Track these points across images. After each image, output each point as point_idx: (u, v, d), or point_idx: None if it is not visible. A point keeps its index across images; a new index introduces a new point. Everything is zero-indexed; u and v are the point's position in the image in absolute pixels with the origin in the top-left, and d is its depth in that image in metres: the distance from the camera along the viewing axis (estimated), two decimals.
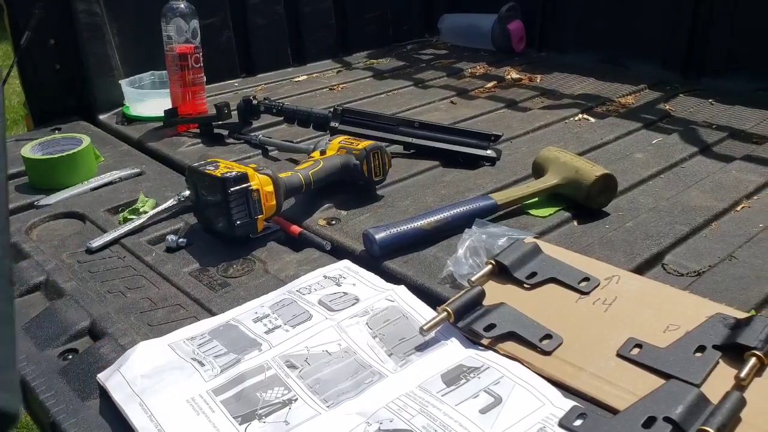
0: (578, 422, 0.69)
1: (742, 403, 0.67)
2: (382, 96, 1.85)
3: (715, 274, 0.95)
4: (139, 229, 1.13)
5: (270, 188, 1.06)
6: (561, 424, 0.69)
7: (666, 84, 1.82)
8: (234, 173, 1.03)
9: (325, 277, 0.95)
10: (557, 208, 1.13)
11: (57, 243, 1.11)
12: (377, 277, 0.94)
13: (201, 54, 1.56)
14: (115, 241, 1.10)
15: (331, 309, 0.88)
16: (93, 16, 1.68)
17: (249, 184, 1.03)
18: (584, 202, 1.12)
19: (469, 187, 1.24)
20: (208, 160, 1.11)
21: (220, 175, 1.03)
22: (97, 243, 1.08)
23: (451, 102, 1.79)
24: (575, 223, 1.11)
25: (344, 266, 0.98)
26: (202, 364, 0.79)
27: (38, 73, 1.68)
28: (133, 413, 0.72)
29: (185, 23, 1.53)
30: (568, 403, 0.72)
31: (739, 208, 1.14)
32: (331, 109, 1.42)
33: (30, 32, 1.62)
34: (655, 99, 1.72)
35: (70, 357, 0.85)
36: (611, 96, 1.75)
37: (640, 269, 0.97)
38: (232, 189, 1.02)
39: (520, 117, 1.64)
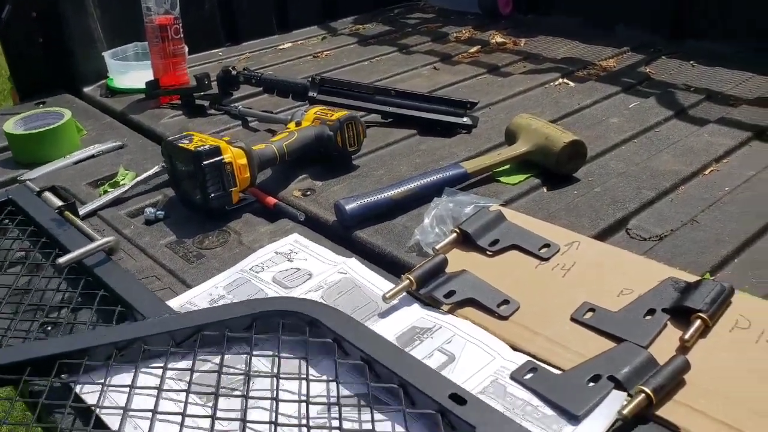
0: (529, 376, 0.73)
1: (685, 365, 0.70)
2: (365, 63, 1.86)
3: (676, 238, 0.97)
4: (119, 201, 1.16)
5: (243, 161, 1.08)
6: (512, 377, 0.73)
7: (650, 46, 1.82)
8: (207, 147, 1.05)
9: (277, 253, 0.97)
10: (527, 175, 1.15)
11: None
12: (328, 250, 0.97)
13: (181, 25, 1.56)
14: (93, 213, 1.13)
15: (286, 286, 0.90)
16: None
17: (222, 157, 1.05)
18: (554, 169, 1.14)
19: (444, 155, 1.26)
20: (184, 133, 1.13)
21: (193, 149, 1.05)
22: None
23: (434, 68, 1.79)
24: (545, 189, 1.13)
25: (294, 240, 1.00)
26: None
27: (21, 46, 1.68)
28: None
29: None
30: (517, 356, 0.76)
31: (707, 172, 1.16)
32: (309, 79, 1.43)
33: (11, 5, 1.63)
34: (637, 62, 1.72)
35: (50, 328, 0.88)
36: (593, 59, 1.75)
37: (604, 234, 1.00)
38: (205, 162, 1.04)
39: (500, 83, 1.64)
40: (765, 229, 0.98)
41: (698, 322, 0.75)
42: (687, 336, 0.74)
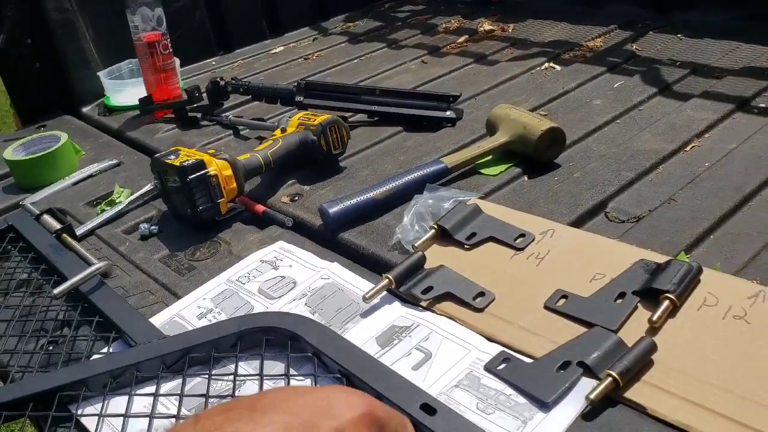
0: (502, 366, 0.75)
1: (651, 347, 0.72)
2: (355, 61, 1.88)
3: (653, 219, 0.99)
4: (115, 218, 1.20)
5: (229, 172, 1.11)
6: (486, 368, 0.75)
7: (638, 22, 1.81)
8: (192, 161, 1.08)
9: (262, 261, 1.00)
10: (508, 165, 1.16)
11: None
12: (312, 255, 0.99)
13: (169, 40, 1.59)
14: (90, 233, 1.17)
15: (271, 297, 0.93)
16: (64, 12, 1.72)
17: (207, 170, 1.08)
18: (534, 157, 1.16)
19: (429, 150, 1.28)
20: (171, 149, 1.16)
21: (179, 164, 1.08)
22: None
23: (423, 62, 1.80)
24: (526, 178, 1.14)
25: (279, 247, 1.03)
26: None
27: (19, 72, 1.73)
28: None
29: (150, 11, 1.56)
30: (492, 347, 0.78)
31: (688, 149, 1.17)
32: (295, 84, 1.45)
33: (5, 34, 1.68)
34: (623, 40, 1.72)
35: (51, 349, 0.93)
36: (580, 40, 1.75)
37: (582, 219, 1.01)
38: (191, 177, 1.07)
39: (486, 71, 1.65)
40: (741, 204, 0.99)
41: (666, 303, 0.76)
42: (655, 318, 0.75)
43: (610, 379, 0.69)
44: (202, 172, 1.08)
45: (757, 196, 1.01)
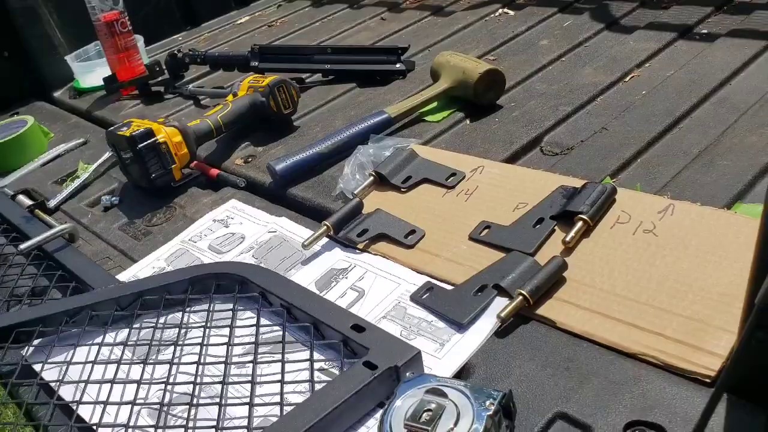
0: (426, 295, 0.79)
1: (561, 265, 0.75)
2: (317, 24, 1.89)
3: (584, 148, 1.01)
4: (79, 190, 1.25)
5: (178, 138, 1.15)
6: (411, 298, 0.79)
7: None
8: (141, 130, 1.12)
9: (215, 220, 1.04)
10: (450, 111, 1.19)
11: None
12: (261, 212, 1.03)
13: (127, 18, 1.62)
14: (57, 209, 1.21)
15: (220, 251, 0.97)
16: (24, 0, 1.75)
17: (156, 138, 1.12)
18: (475, 100, 1.18)
19: (378, 103, 1.31)
20: (124, 121, 1.20)
21: (129, 134, 1.12)
22: None
23: (382, 18, 1.82)
24: (468, 121, 1.17)
25: (232, 206, 1.07)
26: None
27: None
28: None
29: None
30: (420, 278, 0.82)
31: (627, 79, 1.19)
32: (249, 50, 1.48)
33: None
34: None
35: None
36: None
37: (517, 155, 1.04)
38: (140, 145, 1.11)
39: (442, 23, 1.67)
40: (670, 127, 1.01)
41: (579, 224, 0.80)
42: (568, 238, 0.79)
43: (520, 297, 0.73)
44: (152, 140, 1.12)
45: (687, 118, 1.03)
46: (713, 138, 0.96)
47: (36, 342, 0.84)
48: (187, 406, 0.70)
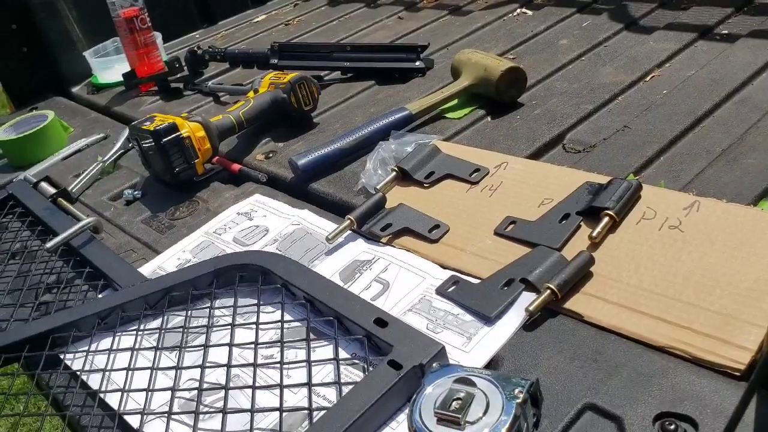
0: (451, 288, 0.79)
1: (588, 260, 0.76)
2: (334, 23, 1.90)
3: (607, 145, 1.02)
4: (102, 186, 1.26)
5: (202, 133, 1.16)
6: (438, 291, 0.80)
7: None
8: (165, 125, 1.13)
9: (239, 213, 1.05)
10: (472, 108, 1.20)
11: None
12: (284, 205, 1.04)
13: (147, 14, 1.63)
14: (78, 198, 1.23)
15: (245, 244, 0.98)
16: None
17: (179, 132, 1.13)
18: (496, 98, 1.19)
19: (398, 101, 1.31)
20: (147, 116, 1.21)
21: (153, 129, 1.13)
22: None
23: (399, 17, 1.83)
24: (489, 118, 1.18)
25: (255, 200, 1.07)
26: None
27: (7, 58, 1.79)
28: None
29: None
30: (445, 273, 0.82)
31: (648, 79, 1.19)
32: (268, 48, 1.49)
33: None
34: None
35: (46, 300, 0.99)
36: None
37: (540, 152, 1.05)
38: (165, 139, 1.12)
39: (460, 22, 1.67)
40: (693, 126, 1.02)
41: (606, 219, 0.80)
42: (594, 234, 0.79)
43: (548, 291, 0.73)
44: (176, 134, 1.12)
45: (709, 117, 1.03)
46: (736, 137, 0.97)
47: (72, 347, 0.85)
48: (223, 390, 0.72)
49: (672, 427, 0.59)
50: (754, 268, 0.70)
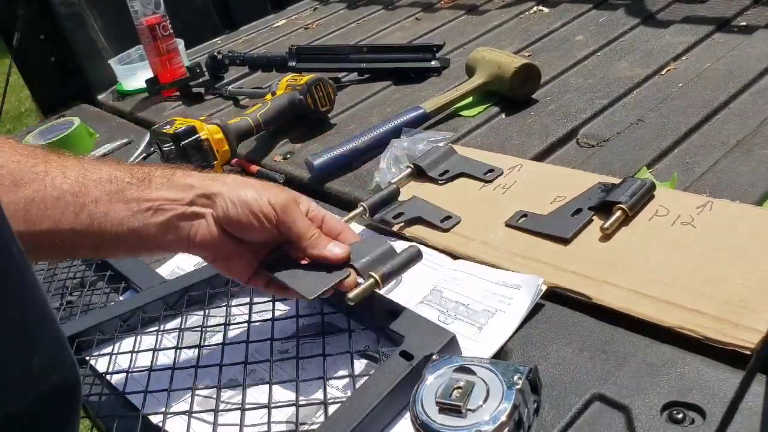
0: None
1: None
2: (352, 25, 1.92)
3: (620, 139, 1.02)
4: None
5: (220, 135, 1.18)
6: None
7: None
8: (184, 128, 1.15)
9: None
10: (486, 106, 1.20)
11: None
12: None
13: (169, 22, 1.67)
14: None
15: None
16: (70, 5, 1.82)
17: (198, 135, 1.15)
18: (510, 95, 1.19)
19: (414, 100, 1.32)
20: (168, 120, 1.24)
21: (173, 132, 1.15)
22: None
23: (416, 18, 1.84)
24: (503, 116, 1.18)
25: None
26: None
27: (36, 68, 1.84)
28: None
29: None
30: (459, 264, 0.83)
31: (663, 72, 1.18)
32: (287, 51, 1.51)
33: (19, 33, 1.78)
34: None
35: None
36: None
37: (553, 148, 1.05)
38: (184, 142, 1.14)
39: (476, 21, 1.68)
40: (707, 118, 1.01)
41: (618, 213, 0.80)
42: (607, 225, 0.79)
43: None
44: (194, 137, 1.15)
45: (724, 109, 1.03)
46: (752, 128, 0.96)
47: (97, 349, 0.88)
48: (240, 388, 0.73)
49: (680, 416, 0.59)
50: (766, 262, 0.70)
